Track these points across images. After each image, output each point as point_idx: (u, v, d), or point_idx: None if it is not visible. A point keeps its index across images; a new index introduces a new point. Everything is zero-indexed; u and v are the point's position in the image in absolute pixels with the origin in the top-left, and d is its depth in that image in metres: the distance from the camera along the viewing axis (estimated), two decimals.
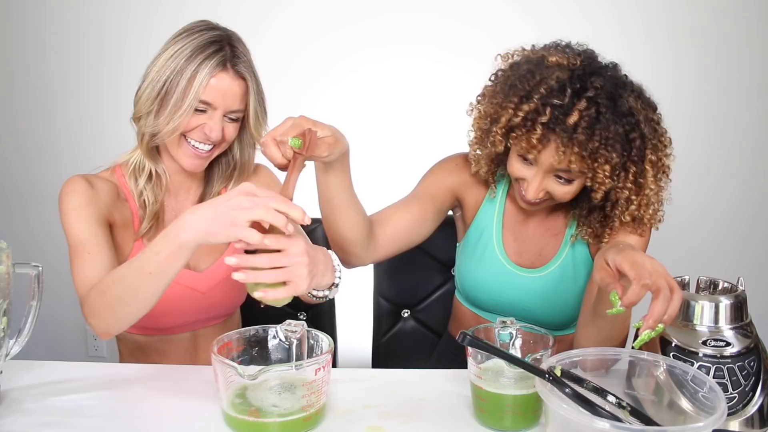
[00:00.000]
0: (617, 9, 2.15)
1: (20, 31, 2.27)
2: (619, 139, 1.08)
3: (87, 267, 1.10)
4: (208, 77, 1.12)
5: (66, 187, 1.17)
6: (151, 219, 1.22)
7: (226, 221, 0.88)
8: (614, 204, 1.17)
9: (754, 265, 2.32)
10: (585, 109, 1.07)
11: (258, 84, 1.20)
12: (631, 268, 0.90)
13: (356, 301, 1.76)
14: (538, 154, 1.11)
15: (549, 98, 1.08)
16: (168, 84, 1.13)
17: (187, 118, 1.13)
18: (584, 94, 1.08)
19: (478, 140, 1.25)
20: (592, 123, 1.07)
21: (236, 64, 1.15)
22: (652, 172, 1.13)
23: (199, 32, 1.15)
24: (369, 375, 1.12)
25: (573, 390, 0.83)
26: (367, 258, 1.25)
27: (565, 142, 1.07)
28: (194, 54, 1.12)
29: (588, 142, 1.06)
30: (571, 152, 1.07)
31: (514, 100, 1.12)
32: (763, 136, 2.27)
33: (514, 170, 1.18)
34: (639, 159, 1.11)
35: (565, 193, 1.16)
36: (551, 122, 1.07)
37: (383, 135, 2.23)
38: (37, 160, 2.35)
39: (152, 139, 1.18)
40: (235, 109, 1.17)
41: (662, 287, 0.88)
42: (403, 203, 1.29)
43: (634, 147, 1.10)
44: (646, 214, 1.17)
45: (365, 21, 2.21)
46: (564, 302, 1.28)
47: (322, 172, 1.12)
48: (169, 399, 1.01)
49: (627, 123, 1.09)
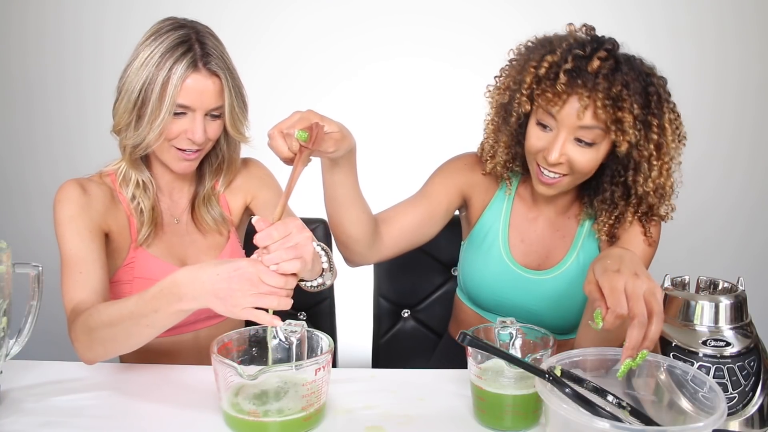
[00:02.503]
0: (617, 9, 2.15)
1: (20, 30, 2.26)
2: (638, 90, 1.10)
3: (78, 287, 1.09)
4: (181, 81, 1.10)
5: (59, 195, 1.16)
6: (150, 225, 1.22)
7: (228, 302, 0.88)
8: (636, 169, 1.16)
9: (754, 265, 2.32)
10: (605, 59, 1.10)
11: (233, 78, 1.17)
12: (610, 294, 0.88)
13: (356, 301, 1.76)
14: (562, 107, 1.10)
15: (571, 50, 1.12)
16: (143, 93, 1.11)
17: (167, 124, 1.12)
18: (603, 47, 1.12)
19: (495, 125, 1.25)
20: (612, 71, 1.09)
21: (207, 62, 1.12)
22: (671, 131, 1.14)
23: (166, 33, 1.13)
24: (369, 375, 1.12)
25: (573, 390, 0.83)
26: (371, 257, 1.25)
27: (589, 88, 1.08)
28: (163, 59, 1.10)
29: (610, 88, 1.08)
30: (596, 99, 1.08)
31: (537, 57, 1.15)
32: (762, 136, 2.27)
33: (533, 141, 1.16)
34: (659, 114, 1.12)
35: (587, 161, 1.13)
36: (574, 69, 1.09)
37: (387, 134, 2.23)
38: (37, 159, 2.34)
39: (135, 150, 1.16)
40: (214, 107, 1.15)
41: (638, 314, 0.86)
42: (409, 203, 1.29)
43: (653, 101, 1.12)
44: (668, 182, 1.17)
45: (368, 21, 2.21)
46: (569, 306, 1.27)
47: (328, 170, 1.12)
48: (169, 399, 1.01)
49: (643, 79, 1.12)
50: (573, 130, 1.11)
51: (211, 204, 1.29)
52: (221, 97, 1.15)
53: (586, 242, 1.28)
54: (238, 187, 1.33)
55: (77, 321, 1.03)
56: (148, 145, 1.14)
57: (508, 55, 1.23)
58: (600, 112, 1.08)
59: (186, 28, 1.14)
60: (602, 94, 1.07)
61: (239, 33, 2.07)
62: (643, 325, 0.86)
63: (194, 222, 1.29)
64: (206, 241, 1.29)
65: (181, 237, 1.27)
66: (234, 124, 1.18)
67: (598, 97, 1.08)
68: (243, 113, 1.20)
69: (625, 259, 0.94)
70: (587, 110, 1.08)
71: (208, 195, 1.29)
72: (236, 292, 0.87)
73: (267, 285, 0.87)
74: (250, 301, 0.87)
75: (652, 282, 0.89)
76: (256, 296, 0.87)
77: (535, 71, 1.13)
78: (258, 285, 0.87)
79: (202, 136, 1.14)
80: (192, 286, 0.90)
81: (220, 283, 0.88)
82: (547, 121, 1.13)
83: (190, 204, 1.29)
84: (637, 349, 0.86)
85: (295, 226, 0.90)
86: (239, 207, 1.34)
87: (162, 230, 1.25)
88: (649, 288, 0.88)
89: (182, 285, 0.90)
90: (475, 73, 1.30)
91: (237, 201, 1.33)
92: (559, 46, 1.13)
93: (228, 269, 0.88)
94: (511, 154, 1.26)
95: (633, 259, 0.94)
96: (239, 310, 0.88)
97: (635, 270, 0.90)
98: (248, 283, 0.87)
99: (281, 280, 0.87)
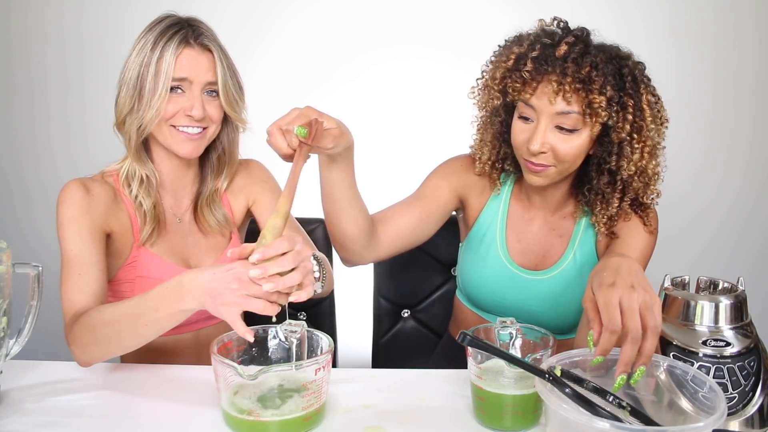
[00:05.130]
0: (617, 9, 2.15)
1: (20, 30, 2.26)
2: (610, 72, 1.10)
3: (77, 289, 1.10)
4: (174, 57, 1.14)
5: (62, 195, 1.17)
6: (152, 224, 1.22)
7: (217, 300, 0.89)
8: (619, 154, 1.16)
9: (754, 265, 2.32)
10: (573, 44, 1.11)
11: (226, 57, 1.20)
12: (604, 310, 0.87)
13: (356, 301, 1.76)
14: (534, 94, 1.11)
15: (538, 39, 1.14)
16: (140, 78, 1.14)
17: (164, 101, 1.14)
18: (571, 32, 1.14)
19: (480, 125, 1.27)
20: (580, 54, 1.10)
21: (198, 38, 1.16)
22: (650, 113, 1.13)
23: (157, 23, 1.17)
24: (369, 375, 1.12)
25: (573, 390, 0.83)
26: (368, 256, 1.25)
27: (558, 73, 1.09)
28: (156, 42, 1.14)
29: (579, 70, 1.08)
30: (565, 83, 1.08)
31: (507, 52, 1.17)
32: (763, 136, 2.27)
33: (516, 134, 1.17)
34: (635, 95, 1.12)
35: (569, 147, 1.13)
36: (541, 57, 1.11)
37: (385, 135, 2.22)
38: (38, 159, 2.34)
39: (138, 133, 1.18)
40: (210, 81, 1.17)
41: (631, 329, 0.85)
42: (406, 203, 1.29)
43: (627, 82, 1.12)
44: (650, 164, 1.16)
45: (368, 21, 2.21)
46: (567, 306, 1.27)
47: (326, 167, 1.12)
48: (169, 399, 1.01)
49: (616, 62, 1.12)
50: (551, 117, 1.12)
51: (214, 205, 1.29)
52: (215, 72, 1.17)
53: (583, 241, 1.28)
54: (239, 189, 1.34)
55: (75, 322, 1.04)
56: (150, 122, 1.15)
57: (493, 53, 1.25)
58: (570, 96, 1.09)
59: (179, 18, 1.19)
60: (571, 78, 1.08)
61: (241, 34, 2.07)
62: (636, 341, 0.85)
63: (197, 222, 1.29)
64: (208, 242, 1.29)
65: (183, 237, 1.28)
66: (229, 101, 1.19)
67: (566, 81, 1.08)
68: (238, 93, 1.22)
69: (622, 270, 0.93)
70: (558, 95, 1.09)
71: (212, 196, 1.29)
72: (225, 290, 0.88)
73: (256, 286, 0.88)
74: (237, 301, 0.88)
75: (649, 294, 0.88)
76: (243, 297, 0.88)
77: (505, 64, 1.15)
78: (247, 286, 0.88)
79: (201, 110, 1.16)
80: (193, 285, 0.92)
81: (214, 282, 0.89)
82: (528, 113, 1.14)
83: (193, 204, 1.30)
84: (632, 365, 0.85)
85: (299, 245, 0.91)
86: (241, 209, 1.34)
87: (164, 230, 1.25)
88: (644, 301, 0.87)
89: (185, 284, 0.92)
90: (474, 74, 1.30)
91: (239, 203, 1.34)
92: (527, 39, 1.16)
93: (222, 269, 0.90)
94: (499, 154, 1.27)
95: (631, 269, 0.93)
96: (225, 309, 0.88)
97: (631, 282, 0.89)
98: (237, 282, 0.88)
99: (270, 284, 0.88)
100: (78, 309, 1.07)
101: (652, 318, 0.86)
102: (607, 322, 0.86)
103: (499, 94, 1.17)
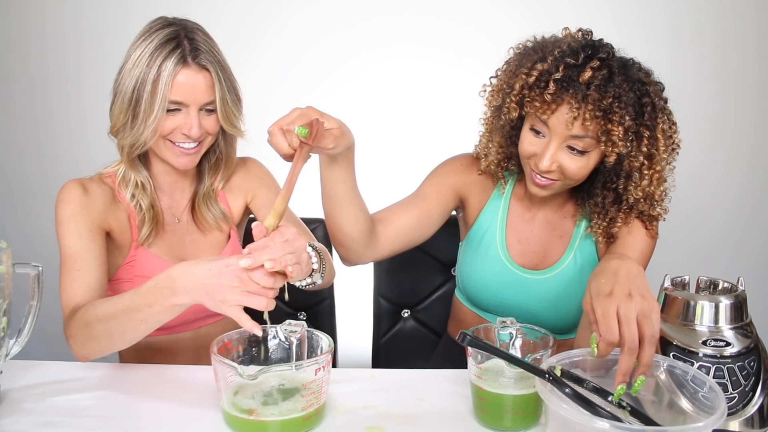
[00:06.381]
0: (617, 9, 2.15)
1: (20, 30, 2.26)
2: (631, 102, 1.08)
3: (75, 285, 1.11)
4: (171, 77, 1.11)
5: (61, 194, 1.17)
6: (150, 225, 1.22)
7: (217, 298, 0.89)
8: (627, 177, 1.15)
9: (754, 265, 2.32)
10: (598, 69, 1.08)
11: (225, 72, 1.17)
12: (602, 321, 0.87)
13: (356, 301, 1.76)
14: (552, 115, 1.09)
15: (562, 58, 1.10)
16: (136, 93, 1.12)
17: (161, 121, 1.13)
18: (597, 55, 1.10)
19: (489, 124, 1.25)
20: (605, 81, 1.07)
21: (197, 57, 1.13)
22: (664, 142, 1.12)
23: (155, 32, 1.14)
24: (369, 375, 1.12)
25: (573, 390, 0.83)
26: (367, 256, 1.25)
27: (579, 99, 1.06)
28: (153, 57, 1.11)
29: (601, 99, 1.06)
30: (585, 110, 1.06)
31: (528, 64, 1.14)
32: (763, 136, 2.27)
33: (525, 146, 1.16)
34: (651, 125, 1.11)
35: (578, 168, 1.13)
36: (565, 79, 1.08)
37: (385, 135, 2.23)
38: (38, 159, 2.34)
39: (132, 149, 1.17)
40: (207, 101, 1.15)
41: (627, 340, 0.84)
42: (406, 203, 1.29)
43: (646, 112, 1.10)
44: (657, 190, 1.16)
45: (368, 21, 2.21)
46: (568, 306, 1.27)
47: (327, 166, 1.12)
48: (169, 399, 1.01)
49: (638, 89, 1.10)
50: (564, 139, 1.11)
51: (211, 202, 1.29)
52: (213, 91, 1.15)
53: (584, 242, 1.28)
54: (237, 186, 1.34)
55: (73, 317, 1.05)
56: (145, 142, 1.15)
57: (507, 54, 1.23)
58: (589, 124, 1.07)
59: (175, 26, 1.15)
60: (592, 106, 1.06)
61: (239, 34, 2.07)
62: (633, 351, 0.85)
63: (195, 221, 1.29)
64: (207, 240, 1.29)
65: (181, 236, 1.28)
66: (227, 117, 1.18)
67: (587, 108, 1.06)
68: (236, 107, 1.20)
69: (620, 276, 0.92)
70: (576, 120, 1.08)
71: (208, 193, 1.29)
72: (225, 287, 0.88)
73: (255, 284, 0.88)
74: (237, 298, 0.88)
75: (647, 300, 0.88)
76: (243, 294, 0.88)
77: (526, 78, 1.12)
78: (247, 283, 0.88)
79: (198, 131, 1.15)
80: (185, 280, 0.91)
81: (211, 279, 0.89)
82: (540, 128, 1.13)
83: (191, 203, 1.30)
84: (630, 375, 0.85)
85: (291, 234, 0.92)
86: (239, 206, 1.34)
87: (163, 230, 1.26)
88: (642, 310, 0.86)
89: (176, 279, 0.92)
90: (475, 74, 1.30)
91: (237, 200, 1.34)
92: (551, 54, 1.12)
93: (220, 265, 0.90)
94: (504, 154, 1.27)
95: (630, 273, 0.93)
96: (226, 307, 0.89)
97: (629, 289, 0.89)
98: (237, 280, 0.88)
99: (270, 280, 0.89)
100: (76, 304, 1.08)
101: (650, 327, 0.86)
102: (605, 333, 0.86)
103: (516, 105, 1.14)
